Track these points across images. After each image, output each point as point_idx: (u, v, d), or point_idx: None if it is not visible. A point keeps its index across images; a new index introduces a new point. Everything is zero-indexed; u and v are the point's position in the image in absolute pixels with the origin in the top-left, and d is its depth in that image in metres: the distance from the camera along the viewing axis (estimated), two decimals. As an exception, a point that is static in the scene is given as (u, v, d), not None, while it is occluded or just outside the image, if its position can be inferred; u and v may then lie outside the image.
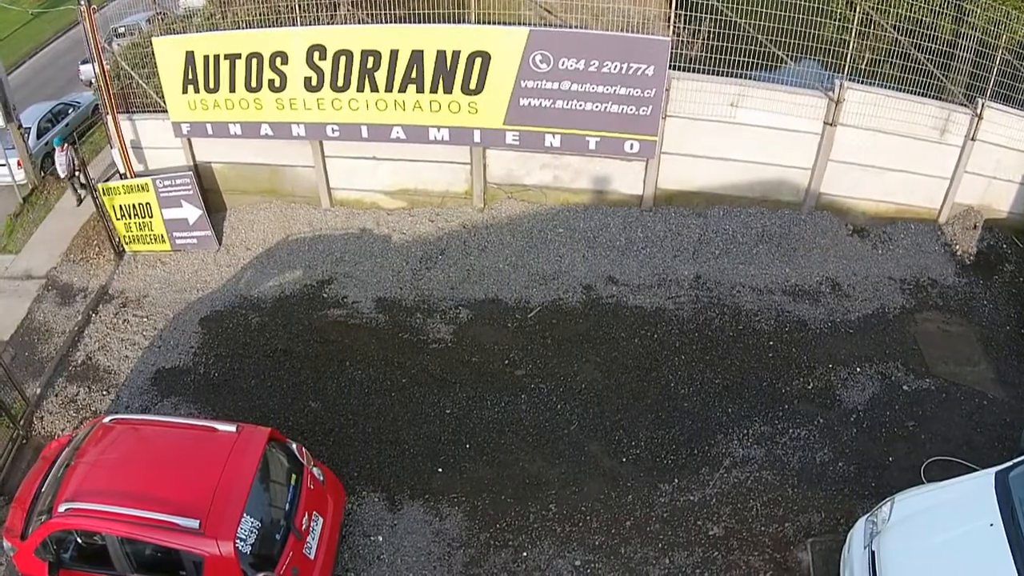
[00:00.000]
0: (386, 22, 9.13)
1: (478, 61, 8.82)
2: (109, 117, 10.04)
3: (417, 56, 8.91)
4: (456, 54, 8.82)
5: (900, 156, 9.92)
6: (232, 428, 6.30)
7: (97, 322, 9.75)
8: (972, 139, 10.02)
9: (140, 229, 10.25)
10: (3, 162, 11.67)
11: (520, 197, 9.83)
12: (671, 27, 8.77)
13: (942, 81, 9.74)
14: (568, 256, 9.41)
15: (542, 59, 8.73)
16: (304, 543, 6.09)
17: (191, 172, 9.96)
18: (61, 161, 11.31)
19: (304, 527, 6.11)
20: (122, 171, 10.29)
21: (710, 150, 9.48)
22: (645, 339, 8.58)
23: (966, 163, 10.25)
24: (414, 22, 9.00)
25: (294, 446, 6.63)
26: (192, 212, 9.94)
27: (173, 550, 5.64)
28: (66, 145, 11.26)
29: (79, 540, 6.02)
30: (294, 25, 9.30)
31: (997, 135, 10.06)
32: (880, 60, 9.36)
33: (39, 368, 9.25)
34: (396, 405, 8.08)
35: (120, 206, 10.13)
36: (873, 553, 6.06)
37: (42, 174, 12.44)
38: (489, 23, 8.87)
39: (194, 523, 5.58)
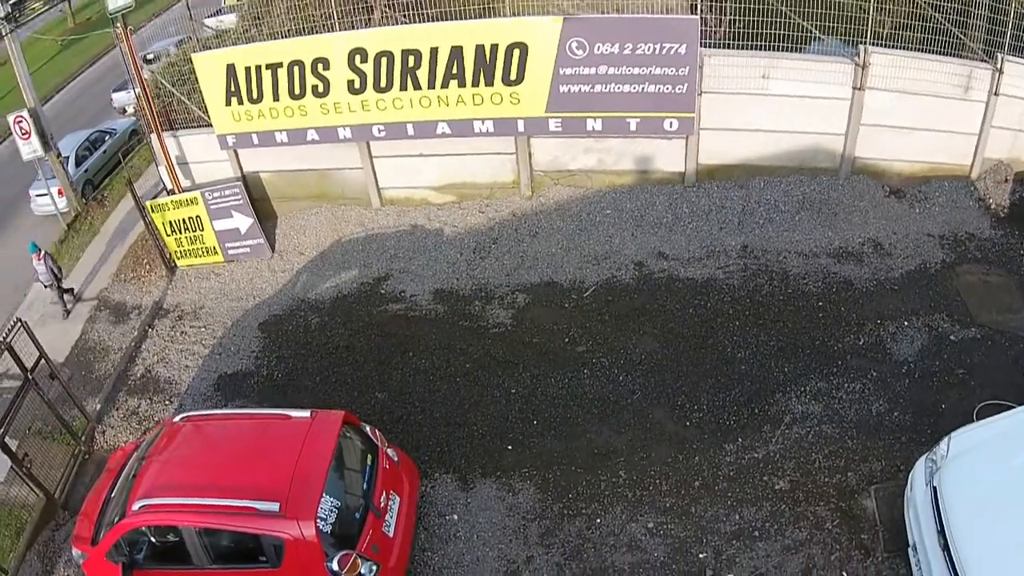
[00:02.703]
0: (421, 21, 9.95)
1: (516, 52, 9.61)
2: (153, 135, 10.89)
3: (457, 52, 9.71)
4: (495, 47, 9.61)
5: (927, 115, 10.60)
6: (306, 414, 6.83)
7: (154, 336, 10.52)
8: (995, 94, 10.68)
9: (191, 243, 11.04)
10: (45, 192, 12.53)
11: (566, 183, 10.58)
12: (697, 11, 9.53)
13: (961, 39, 10.43)
14: (618, 236, 10.12)
15: (578, 46, 9.51)
16: (383, 521, 6.54)
17: (240, 182, 10.77)
18: (40, 270, 10.83)
19: (382, 505, 6.57)
20: (169, 187, 11.12)
21: (746, 123, 10.19)
22: (699, 308, 9.23)
23: (991, 118, 10.90)
24: (449, 19, 9.81)
25: (368, 428, 7.18)
26: (244, 221, 10.73)
27: (252, 536, 6.03)
28: (42, 252, 10.79)
29: (152, 539, 6.41)
30: (331, 32, 10.13)
31: (1019, 88, 10.69)
32: (901, 23, 10.02)
33: (98, 385, 9.98)
34: (462, 389, 8.74)
35: (171, 222, 10.95)
36: (935, 489, 6.37)
37: (84, 200, 13.29)
38: (524, 15, 9.66)
39: (274, 506, 5.98)
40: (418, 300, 9.86)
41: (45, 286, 11.14)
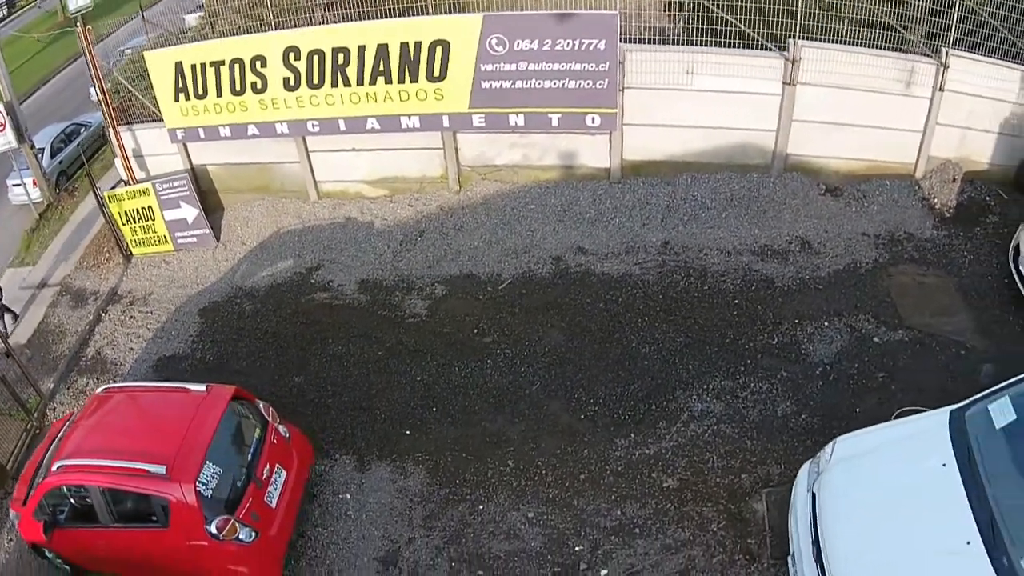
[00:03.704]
0: (356, 20, 10.48)
1: (439, 49, 10.06)
2: (111, 129, 11.73)
3: (383, 49, 10.21)
4: (418, 44, 10.09)
5: (867, 112, 10.59)
6: (202, 388, 7.44)
7: (106, 320, 11.33)
8: (940, 90, 10.62)
9: (145, 232, 11.84)
10: (19, 182, 13.54)
11: (493, 177, 11.01)
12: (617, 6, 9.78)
13: (900, 32, 10.40)
14: (539, 230, 10.49)
15: (498, 42, 9.91)
16: (265, 492, 7.04)
17: (186, 174, 11.52)
18: None
19: (265, 477, 7.08)
20: (125, 178, 11.94)
21: (672, 119, 10.42)
22: (609, 303, 9.53)
23: (936, 115, 10.85)
24: (382, 18, 10.32)
25: (261, 405, 7.73)
26: (190, 212, 11.47)
27: (144, 497, 6.66)
28: None
29: (72, 501, 7.07)
30: (269, 31, 10.75)
31: (966, 84, 10.62)
32: (836, 16, 10.08)
33: (54, 365, 10.80)
34: (371, 375, 9.26)
35: (125, 212, 11.76)
36: (814, 496, 6.23)
37: (56, 191, 14.30)
38: (448, 12, 10.11)
39: (161, 469, 6.58)
40: (344, 290, 10.41)
41: None
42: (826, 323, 9.29)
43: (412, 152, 10.97)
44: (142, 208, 11.62)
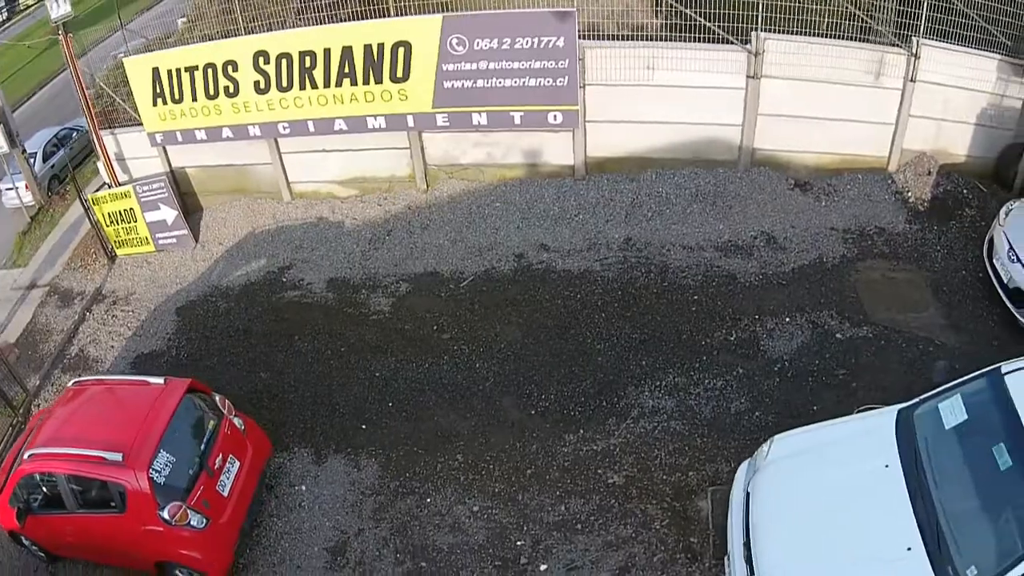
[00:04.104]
0: (326, 24, 10.79)
1: (401, 51, 10.33)
2: (94, 133, 12.21)
3: (347, 52, 10.51)
4: (381, 46, 10.37)
5: (835, 104, 10.57)
6: (160, 380, 7.84)
7: (90, 320, 11.80)
8: (912, 80, 10.54)
9: (128, 233, 12.30)
10: (11, 186, 14.13)
11: (459, 176, 11.25)
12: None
13: (867, 22, 10.34)
14: (503, 228, 10.71)
15: (458, 42, 10.14)
16: (217, 481, 7.39)
17: (164, 176, 11.95)
18: None
19: (217, 466, 7.44)
20: (108, 181, 12.41)
21: (635, 115, 10.55)
22: (567, 300, 9.70)
23: (909, 106, 10.77)
24: (350, 20, 10.61)
25: (217, 397, 8.10)
26: (169, 213, 11.89)
27: (102, 483, 7.07)
28: None
29: (43, 488, 7.50)
30: (239, 36, 11.13)
31: (939, 74, 10.52)
32: (800, 8, 10.03)
33: (40, 363, 11.30)
34: (333, 371, 9.55)
35: (108, 213, 12.23)
36: (748, 495, 6.14)
37: (48, 195, 14.88)
38: (409, 13, 10.36)
39: (118, 456, 6.99)
40: (313, 288, 10.73)
41: None
42: (787, 319, 9.31)
43: (380, 152, 11.26)
44: (124, 210, 12.07)
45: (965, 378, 6.27)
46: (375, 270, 10.67)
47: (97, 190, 12.74)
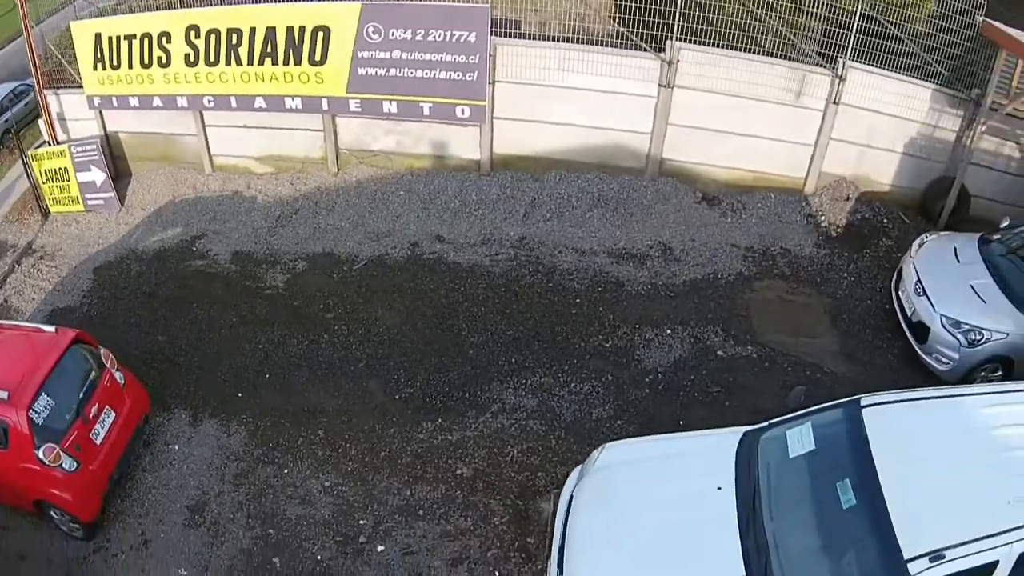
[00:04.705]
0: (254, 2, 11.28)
1: (320, 35, 10.80)
2: (39, 92, 12.84)
3: (271, 32, 11.00)
4: (302, 29, 10.84)
5: (752, 121, 10.76)
6: (52, 329, 8.45)
7: (18, 272, 12.42)
8: (835, 102, 10.68)
9: (61, 192, 12.91)
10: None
11: (369, 162, 11.72)
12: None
13: (790, 40, 10.50)
14: (404, 216, 11.16)
15: (374, 30, 10.58)
16: (91, 428, 7.98)
17: (97, 139, 12.54)
18: None
19: (93, 415, 8.04)
20: (47, 139, 13.02)
21: (543, 115, 10.92)
22: (451, 291, 10.15)
23: (831, 129, 10.88)
24: (276, 1, 11.08)
25: (102, 351, 8.66)
26: (99, 175, 12.48)
27: None
28: None
29: None
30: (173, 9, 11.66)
31: (866, 98, 10.60)
32: (724, 20, 10.20)
33: (-32, 311, 12.00)
34: (222, 340, 10.09)
35: (45, 171, 12.85)
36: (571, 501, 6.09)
37: (1, 148, 15.56)
38: None
39: (3, 394, 7.59)
40: (219, 259, 11.27)
41: None
42: (668, 331, 9.59)
43: (297, 133, 11.77)
44: (59, 168, 12.68)
45: (821, 406, 6.14)
46: (278, 246, 11.19)
47: (38, 147, 13.36)
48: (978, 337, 8.47)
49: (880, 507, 5.06)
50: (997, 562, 4.84)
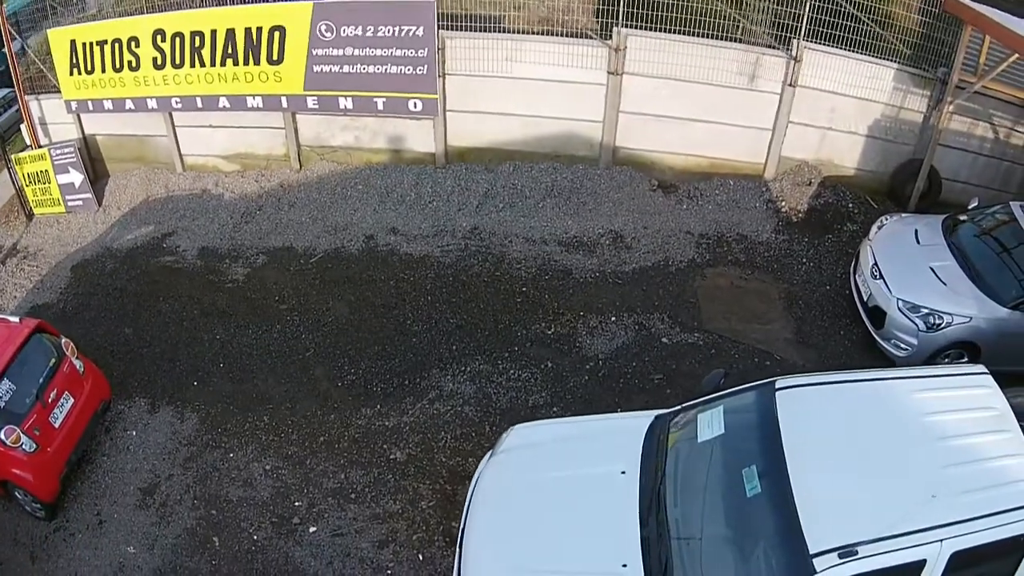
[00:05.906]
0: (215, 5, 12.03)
1: (277, 35, 11.51)
2: (19, 98, 13.78)
3: (231, 33, 11.74)
4: (259, 30, 11.55)
5: (706, 106, 11.02)
6: (16, 319, 9.26)
7: (2, 272, 13.38)
8: (791, 85, 10.88)
9: (43, 194, 13.84)
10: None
11: (330, 158, 12.38)
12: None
13: (739, 21, 10.75)
14: (361, 210, 11.79)
15: (327, 28, 11.24)
16: (50, 413, 8.75)
17: (74, 142, 13.43)
18: None
19: (52, 400, 8.82)
20: (29, 143, 13.96)
21: (495, 106, 11.43)
22: (400, 282, 10.72)
23: (789, 112, 11.08)
24: (236, 4, 11.81)
25: (63, 340, 9.44)
26: (77, 177, 13.37)
27: None
28: None
29: None
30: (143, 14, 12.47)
31: (824, 80, 10.78)
32: (667, 3, 10.51)
33: (-47, 311, 12.97)
34: (183, 332, 10.83)
35: (28, 174, 13.80)
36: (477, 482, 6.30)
37: (-7, 152, 16.57)
38: None
39: None
40: (186, 255, 12.03)
41: None
42: (613, 318, 9.99)
43: (260, 131, 12.50)
44: (40, 171, 13.61)
45: (732, 389, 6.08)
46: (241, 242, 11.91)
47: (22, 151, 14.30)
48: (938, 321, 8.46)
49: (786, 497, 4.90)
50: (924, 561, 4.68)
